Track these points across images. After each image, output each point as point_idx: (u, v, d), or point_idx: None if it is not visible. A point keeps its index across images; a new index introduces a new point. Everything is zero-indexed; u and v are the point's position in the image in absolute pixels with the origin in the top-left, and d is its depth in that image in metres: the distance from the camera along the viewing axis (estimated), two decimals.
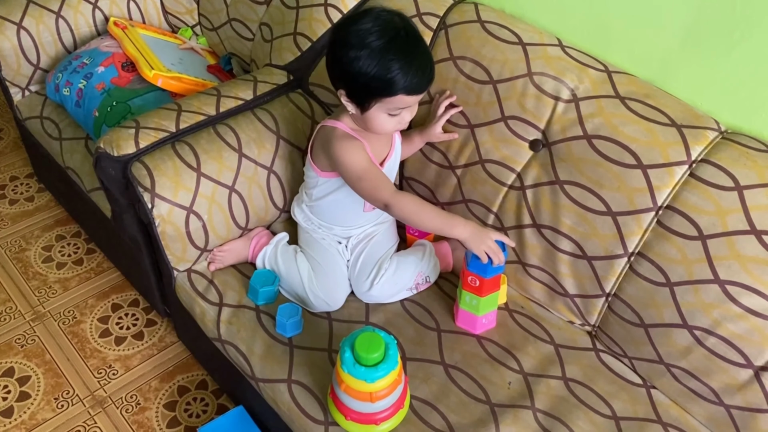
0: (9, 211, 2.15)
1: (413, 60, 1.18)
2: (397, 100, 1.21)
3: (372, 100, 1.21)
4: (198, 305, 1.42)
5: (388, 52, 1.16)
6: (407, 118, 1.26)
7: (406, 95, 1.20)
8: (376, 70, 1.16)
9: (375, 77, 1.17)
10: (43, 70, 1.92)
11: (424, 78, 1.21)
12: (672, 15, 1.23)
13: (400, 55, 1.17)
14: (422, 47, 1.22)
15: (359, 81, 1.19)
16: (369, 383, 1.07)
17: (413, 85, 1.19)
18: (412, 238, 1.49)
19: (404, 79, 1.17)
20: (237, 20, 1.87)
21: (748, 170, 1.14)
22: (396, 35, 1.17)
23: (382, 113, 1.23)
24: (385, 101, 1.21)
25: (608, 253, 1.26)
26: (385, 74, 1.17)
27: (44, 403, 1.64)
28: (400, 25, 1.19)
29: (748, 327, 1.12)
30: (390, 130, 1.29)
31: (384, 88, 1.19)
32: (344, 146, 1.28)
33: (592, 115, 1.28)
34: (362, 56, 1.16)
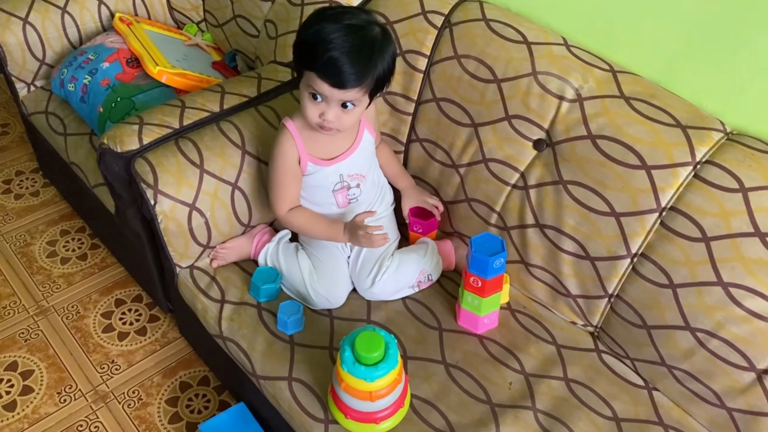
0: (14, 205, 2.16)
1: (349, 49, 1.15)
2: (312, 79, 1.18)
3: (299, 69, 1.21)
4: (200, 302, 1.43)
5: (332, 30, 1.15)
6: (329, 116, 1.22)
7: (318, 77, 1.17)
8: (309, 33, 1.17)
9: (303, 41, 1.19)
10: (49, 66, 1.93)
11: (345, 70, 1.15)
12: (678, 15, 1.22)
13: (340, 37, 1.14)
14: (371, 48, 1.17)
15: (297, 40, 1.20)
16: (369, 382, 1.07)
17: (329, 68, 1.15)
18: (415, 236, 1.49)
19: (323, 55, 1.14)
20: (242, 17, 1.87)
21: (752, 172, 1.13)
22: (355, 26, 1.16)
23: (305, 92, 1.22)
24: (307, 76, 1.19)
25: (611, 253, 1.26)
26: (312, 40, 1.16)
27: (47, 397, 1.65)
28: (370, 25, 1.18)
29: (751, 330, 1.11)
30: (311, 119, 1.24)
31: (305, 54, 1.18)
32: (277, 144, 1.32)
33: (597, 114, 1.27)
34: (312, 19, 1.18)
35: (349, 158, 1.36)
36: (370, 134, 1.39)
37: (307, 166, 1.34)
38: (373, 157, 1.44)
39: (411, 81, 1.49)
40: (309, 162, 1.33)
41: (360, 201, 1.41)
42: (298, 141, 1.31)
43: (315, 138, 1.31)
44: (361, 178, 1.39)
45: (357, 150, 1.37)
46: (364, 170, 1.40)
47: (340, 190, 1.38)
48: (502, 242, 1.27)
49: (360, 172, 1.39)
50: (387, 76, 1.23)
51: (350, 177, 1.38)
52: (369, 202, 1.43)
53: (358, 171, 1.39)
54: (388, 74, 1.23)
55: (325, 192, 1.38)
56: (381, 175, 1.48)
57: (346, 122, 1.25)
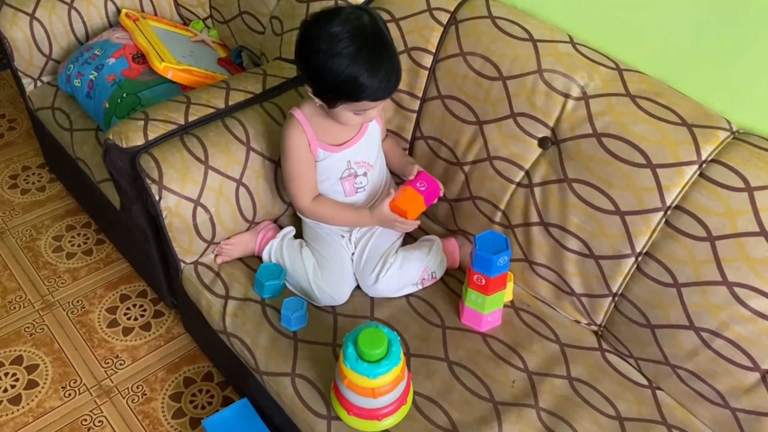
0: (20, 200, 2.17)
1: (380, 68, 1.19)
2: (362, 105, 1.24)
3: (337, 101, 1.24)
4: (204, 297, 1.43)
5: (356, 61, 1.17)
6: (373, 114, 1.30)
7: (370, 101, 1.23)
8: (343, 77, 1.18)
9: (342, 83, 1.19)
10: (55, 61, 1.94)
11: (390, 85, 1.23)
12: (685, 12, 1.22)
13: (367, 63, 1.18)
14: (389, 53, 1.22)
15: (326, 84, 1.21)
16: (371, 379, 1.07)
17: (378, 92, 1.21)
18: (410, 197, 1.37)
19: (370, 86, 1.19)
20: (248, 13, 1.87)
21: (759, 171, 1.12)
22: (365, 42, 1.17)
23: (347, 112, 1.27)
24: (351, 104, 1.24)
25: (616, 252, 1.25)
26: (351, 82, 1.18)
27: (51, 391, 1.66)
28: (369, 30, 1.19)
29: (755, 330, 1.11)
30: (356, 125, 1.34)
31: (349, 94, 1.21)
32: (287, 138, 1.34)
33: (602, 113, 1.26)
34: (331, 62, 1.17)
35: (356, 145, 1.38)
36: (378, 123, 1.41)
37: (318, 153, 1.36)
38: (380, 148, 1.45)
39: (416, 78, 1.49)
40: (319, 148, 1.35)
41: (367, 190, 1.42)
42: (307, 128, 1.33)
43: (322, 125, 1.33)
44: (369, 166, 1.40)
45: (364, 137, 1.39)
46: (371, 158, 1.41)
47: (348, 177, 1.39)
48: (507, 240, 1.27)
49: (367, 160, 1.40)
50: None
51: (357, 164, 1.39)
52: (375, 192, 1.45)
53: (365, 159, 1.40)
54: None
55: (332, 180, 1.39)
56: (386, 169, 1.49)
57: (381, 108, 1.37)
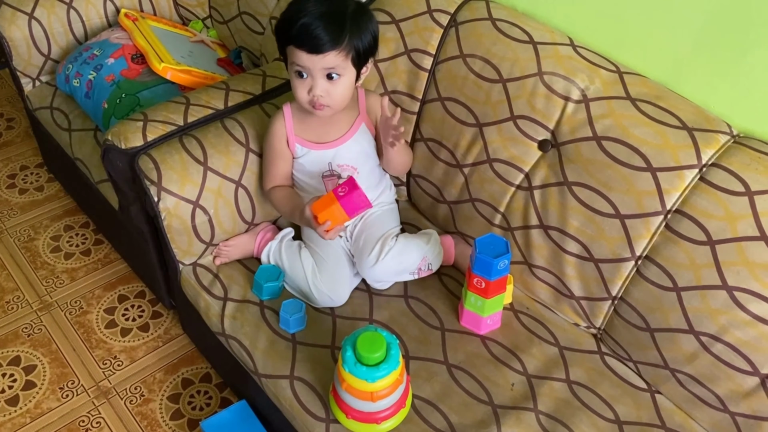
0: (18, 200, 2.17)
1: (320, 14, 1.17)
2: (291, 53, 1.21)
3: (281, 48, 1.24)
4: (203, 299, 1.43)
5: (302, 3, 1.18)
6: (316, 91, 1.23)
7: (296, 47, 1.19)
8: (284, 12, 1.20)
9: (281, 18, 1.21)
10: (54, 61, 1.93)
11: (317, 33, 1.17)
12: (686, 15, 1.21)
13: (312, 4, 1.17)
14: (343, 12, 1.19)
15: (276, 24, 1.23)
16: (370, 383, 1.07)
17: (303, 34, 1.17)
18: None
19: (296, 24, 1.16)
20: (247, 14, 1.87)
21: (759, 175, 1.12)
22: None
23: (291, 71, 1.25)
24: (288, 54, 1.22)
25: (615, 255, 1.25)
26: (286, 15, 1.19)
27: (49, 392, 1.65)
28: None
29: (755, 334, 1.11)
30: (303, 99, 1.27)
31: (280, 32, 1.21)
32: (270, 123, 1.36)
33: (603, 116, 1.26)
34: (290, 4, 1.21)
35: (340, 147, 1.37)
36: (368, 129, 1.40)
37: (296, 148, 1.37)
38: (370, 154, 1.43)
39: (416, 80, 1.49)
40: (297, 143, 1.36)
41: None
42: (288, 121, 1.34)
43: (306, 121, 1.34)
44: (353, 170, 1.39)
45: (349, 141, 1.38)
46: (357, 163, 1.40)
47: (330, 177, 1.39)
48: (507, 244, 1.26)
49: (351, 164, 1.39)
50: (368, 46, 1.26)
51: (340, 166, 1.38)
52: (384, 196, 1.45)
53: (349, 163, 1.39)
54: (368, 45, 1.25)
55: (315, 178, 1.40)
56: (383, 176, 1.48)
57: (336, 96, 1.26)
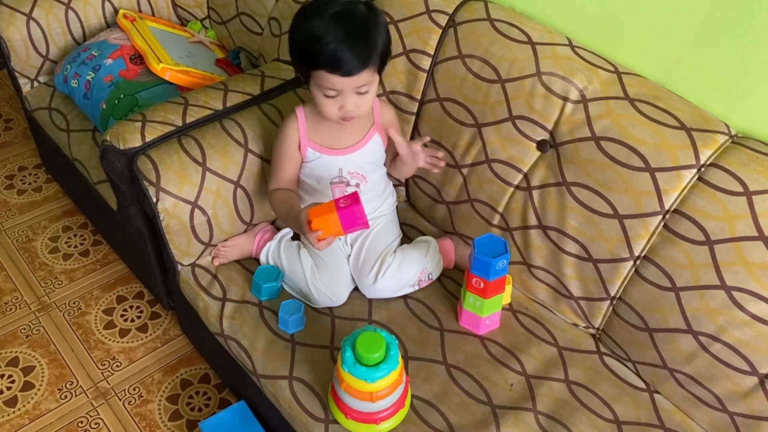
0: (17, 201, 2.16)
1: (345, 36, 1.15)
2: (321, 77, 1.18)
3: (306, 74, 1.22)
4: (201, 300, 1.42)
5: (324, 24, 1.15)
6: (348, 107, 1.22)
7: (328, 72, 1.17)
8: (306, 34, 1.16)
9: (302, 43, 1.18)
10: (52, 62, 1.93)
11: (349, 58, 1.15)
12: (684, 16, 1.22)
13: (331, 28, 1.14)
14: (365, 30, 1.18)
15: (293, 48, 1.20)
16: (369, 383, 1.07)
17: (334, 61, 1.15)
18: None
19: (325, 52, 1.14)
20: (246, 14, 1.87)
21: (757, 175, 1.12)
22: (341, 12, 1.16)
23: (318, 92, 1.23)
24: (315, 77, 1.20)
25: (614, 256, 1.25)
26: (310, 42, 1.15)
27: (48, 393, 1.65)
28: (361, 8, 1.18)
29: (754, 334, 1.11)
30: (331, 115, 1.25)
31: (307, 58, 1.18)
32: (281, 125, 1.34)
33: (601, 116, 1.26)
34: (299, 22, 1.18)
35: (352, 155, 1.36)
36: (380, 138, 1.39)
37: (307, 152, 1.35)
38: (380, 163, 1.43)
39: (415, 80, 1.49)
40: (309, 147, 1.34)
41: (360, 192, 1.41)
42: (302, 125, 1.32)
43: (321, 126, 1.32)
44: (362, 179, 1.39)
45: (361, 150, 1.37)
46: (366, 172, 1.40)
47: (338, 184, 1.38)
48: (505, 244, 1.26)
49: (361, 172, 1.39)
50: (387, 47, 1.25)
51: (350, 174, 1.38)
52: (370, 202, 1.43)
53: (359, 170, 1.38)
54: (387, 46, 1.25)
55: (323, 183, 1.39)
56: (389, 188, 1.48)
57: (365, 106, 1.27)
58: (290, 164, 1.37)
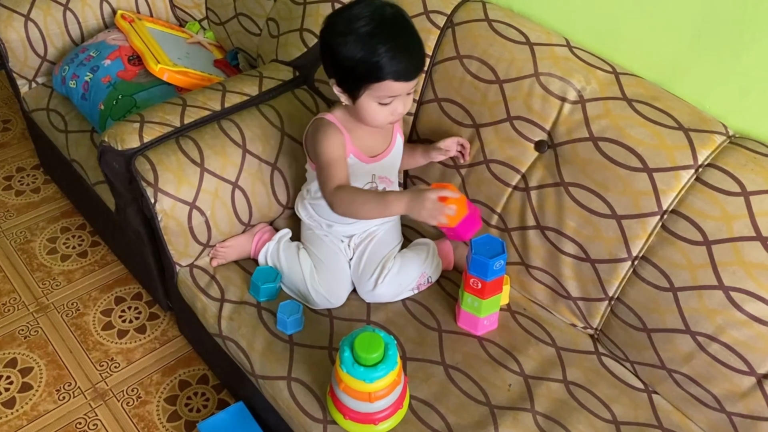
0: (15, 202, 2.16)
1: (400, 44, 1.17)
2: (385, 87, 1.19)
3: (361, 86, 1.21)
4: (199, 300, 1.42)
5: (375, 36, 1.16)
6: (400, 110, 1.25)
7: (393, 81, 1.18)
8: (362, 53, 1.16)
9: (361, 61, 1.17)
10: (50, 62, 1.93)
11: (412, 62, 1.19)
12: (681, 16, 1.22)
13: (387, 39, 1.16)
14: (411, 33, 1.20)
15: (347, 66, 1.19)
16: (368, 383, 1.07)
17: (400, 69, 1.17)
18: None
19: (390, 63, 1.16)
20: (244, 15, 1.87)
21: (755, 176, 1.12)
22: (383, 20, 1.17)
23: (372, 102, 1.23)
24: (374, 88, 1.20)
25: (612, 256, 1.25)
26: (370, 57, 1.16)
27: (46, 394, 1.65)
28: (390, 12, 1.19)
29: (751, 334, 1.11)
30: (382, 122, 1.27)
31: (371, 72, 1.18)
32: (322, 134, 1.28)
33: (599, 116, 1.26)
34: (350, 41, 1.17)
35: (384, 160, 1.37)
36: (401, 137, 1.40)
37: (349, 158, 1.33)
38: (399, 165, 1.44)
39: None
40: (351, 154, 1.33)
41: None
42: (345, 134, 1.30)
43: (356, 133, 1.32)
44: (389, 182, 1.40)
45: (391, 152, 1.38)
46: (392, 174, 1.41)
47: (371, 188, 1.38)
48: (503, 244, 1.27)
49: (388, 176, 1.40)
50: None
51: (380, 179, 1.38)
52: None
53: (388, 174, 1.40)
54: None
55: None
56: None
57: (409, 106, 1.28)
58: (345, 164, 1.30)
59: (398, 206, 1.16)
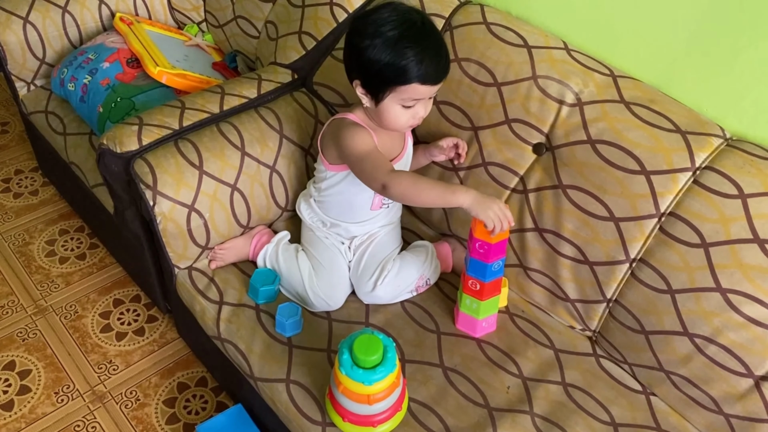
0: (13, 204, 2.16)
1: (428, 48, 1.18)
2: (411, 90, 1.20)
3: (386, 89, 1.21)
4: (198, 303, 1.42)
5: (403, 40, 1.17)
6: (421, 113, 1.26)
7: (420, 84, 1.19)
8: (390, 57, 1.17)
9: (389, 64, 1.17)
10: (49, 65, 1.93)
11: (439, 66, 1.21)
12: (678, 20, 1.22)
13: (414, 43, 1.17)
14: (437, 37, 1.22)
15: (374, 69, 1.19)
16: (366, 385, 1.07)
17: (428, 72, 1.19)
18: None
19: (418, 66, 1.17)
20: (243, 18, 1.87)
21: (752, 178, 1.13)
22: (412, 25, 1.18)
23: (395, 104, 1.23)
24: (399, 91, 1.20)
25: (610, 258, 1.25)
26: (398, 61, 1.17)
27: (44, 397, 1.65)
28: (417, 17, 1.20)
29: (749, 336, 1.11)
30: (403, 125, 1.27)
31: (398, 75, 1.18)
32: (351, 131, 1.28)
33: (597, 119, 1.27)
34: (377, 44, 1.17)
35: (398, 163, 1.37)
36: (410, 139, 1.41)
37: None
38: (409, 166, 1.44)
39: None
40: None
41: (390, 207, 1.42)
42: (374, 135, 1.29)
43: (378, 135, 1.32)
44: None
45: (405, 155, 1.39)
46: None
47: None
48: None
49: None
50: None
51: None
52: (395, 211, 1.45)
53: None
54: None
55: (367, 191, 1.33)
56: None
57: (429, 108, 1.29)
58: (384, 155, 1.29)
59: (465, 198, 1.18)
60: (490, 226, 1.18)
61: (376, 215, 1.41)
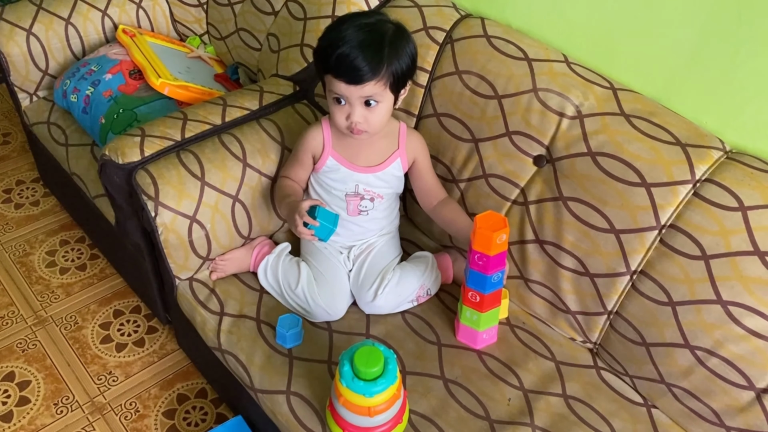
0: (14, 215, 2.16)
1: (358, 44, 1.17)
2: (329, 81, 1.22)
3: (320, 74, 1.25)
4: (199, 314, 1.42)
5: (342, 31, 1.18)
6: (355, 118, 1.24)
7: (333, 77, 1.20)
8: (321, 42, 1.22)
9: (317, 49, 1.23)
10: (52, 76, 1.94)
11: (356, 65, 1.17)
12: (678, 33, 1.23)
13: (348, 35, 1.17)
14: (380, 41, 1.20)
15: (314, 50, 1.25)
16: (367, 398, 1.07)
17: (341, 67, 1.18)
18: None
19: (335, 57, 1.17)
20: (245, 30, 1.88)
21: (752, 191, 1.13)
22: (363, 23, 1.20)
23: (329, 97, 1.26)
24: (327, 82, 1.24)
25: (611, 270, 1.26)
26: (322, 44, 1.21)
27: (44, 408, 1.64)
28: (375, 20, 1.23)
29: (750, 348, 1.11)
30: (341, 124, 1.27)
31: (319, 60, 1.23)
32: (305, 131, 1.37)
33: (597, 132, 1.27)
34: (328, 28, 1.24)
35: (371, 176, 1.38)
36: (402, 163, 1.40)
37: (327, 160, 1.36)
38: (397, 187, 1.44)
39: (412, 96, 1.50)
40: (331, 156, 1.35)
41: (371, 216, 1.42)
42: (327, 135, 1.32)
43: (345, 140, 1.34)
44: (378, 197, 1.40)
45: (382, 172, 1.38)
46: (383, 191, 1.41)
47: (354, 197, 1.39)
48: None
49: (378, 192, 1.40)
50: (406, 70, 1.26)
51: (366, 191, 1.39)
52: (379, 219, 1.44)
53: (377, 190, 1.40)
54: (406, 69, 1.26)
55: (339, 194, 1.39)
56: (397, 199, 1.49)
57: (374, 122, 1.27)
58: (301, 168, 1.40)
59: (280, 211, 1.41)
60: (291, 226, 1.29)
61: (357, 221, 1.41)
